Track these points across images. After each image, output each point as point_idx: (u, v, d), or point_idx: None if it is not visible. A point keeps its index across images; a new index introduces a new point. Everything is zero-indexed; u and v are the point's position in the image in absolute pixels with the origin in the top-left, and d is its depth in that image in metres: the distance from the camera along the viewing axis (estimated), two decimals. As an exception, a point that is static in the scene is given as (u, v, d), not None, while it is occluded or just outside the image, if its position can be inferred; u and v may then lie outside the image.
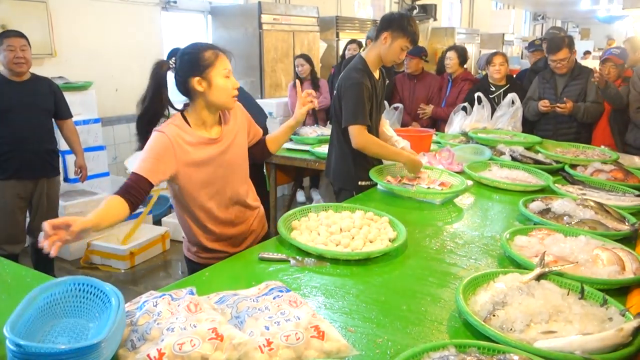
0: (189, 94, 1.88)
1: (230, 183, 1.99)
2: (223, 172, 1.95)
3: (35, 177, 3.39)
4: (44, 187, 3.44)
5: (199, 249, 2.06)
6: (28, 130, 3.28)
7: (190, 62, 1.82)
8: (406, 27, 2.54)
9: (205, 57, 1.81)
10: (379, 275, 1.70)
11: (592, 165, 2.95)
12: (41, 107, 3.34)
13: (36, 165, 3.37)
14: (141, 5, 5.39)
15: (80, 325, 1.25)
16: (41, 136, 3.37)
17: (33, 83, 3.31)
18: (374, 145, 2.63)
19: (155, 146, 1.82)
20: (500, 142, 3.47)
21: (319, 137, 4.08)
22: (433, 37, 9.50)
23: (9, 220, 3.34)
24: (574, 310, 1.36)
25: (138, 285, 3.78)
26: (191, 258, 2.10)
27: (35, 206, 3.46)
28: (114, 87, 5.20)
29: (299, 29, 6.23)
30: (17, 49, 3.12)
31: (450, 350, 1.16)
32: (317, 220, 2.06)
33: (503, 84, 4.34)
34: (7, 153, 3.25)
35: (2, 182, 3.29)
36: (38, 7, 4.42)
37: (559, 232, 1.91)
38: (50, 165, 3.47)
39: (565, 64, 3.81)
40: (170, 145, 1.82)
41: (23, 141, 3.27)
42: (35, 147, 3.32)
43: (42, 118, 3.37)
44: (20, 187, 3.34)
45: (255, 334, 1.18)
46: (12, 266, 1.80)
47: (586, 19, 21.05)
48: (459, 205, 2.47)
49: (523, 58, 12.17)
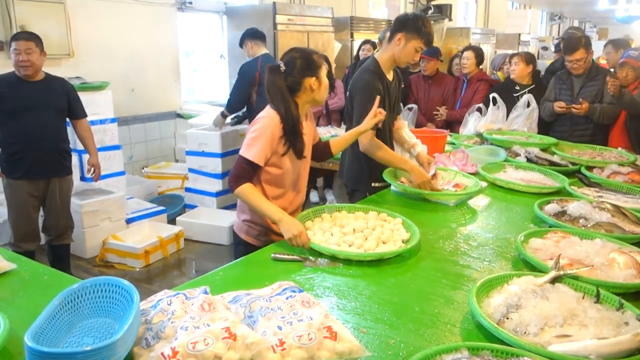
0: (294, 92, 2.09)
1: (302, 172, 2.23)
2: (301, 164, 2.19)
3: (47, 177, 3.40)
4: (55, 186, 3.45)
5: (261, 231, 2.18)
6: (40, 130, 3.29)
7: (307, 64, 2.07)
8: (420, 28, 2.52)
9: (315, 60, 2.08)
10: (392, 276, 1.70)
11: (609, 167, 2.91)
12: (53, 106, 3.35)
13: (48, 164, 3.38)
14: (157, 6, 5.44)
15: (107, 325, 1.28)
16: (53, 135, 3.38)
17: (46, 83, 3.32)
18: (379, 151, 2.61)
19: (265, 131, 2.04)
20: (515, 143, 3.45)
21: (332, 138, 4.07)
22: (448, 37, 9.44)
23: (24, 218, 3.38)
24: (589, 314, 1.35)
25: (152, 284, 3.82)
26: (249, 241, 2.21)
27: (49, 205, 3.48)
28: (130, 87, 5.26)
29: (313, 29, 6.24)
30: (22, 52, 3.13)
31: (463, 353, 1.16)
32: (330, 221, 2.07)
33: (528, 83, 4.30)
34: (19, 152, 3.27)
35: (15, 181, 3.32)
36: (56, 8, 4.48)
37: (575, 235, 1.89)
38: (62, 164, 3.48)
39: (581, 65, 3.76)
40: (277, 131, 2.05)
41: (35, 140, 3.28)
42: (47, 146, 3.34)
43: (55, 117, 3.38)
44: (32, 186, 3.36)
45: (268, 333, 1.19)
46: (29, 264, 1.82)
47: (604, 19, 20.76)
48: (473, 206, 2.45)
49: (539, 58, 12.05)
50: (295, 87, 2.08)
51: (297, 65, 2.06)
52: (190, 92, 6.29)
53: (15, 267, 1.72)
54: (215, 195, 4.92)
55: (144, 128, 5.50)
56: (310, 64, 2.07)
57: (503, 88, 4.36)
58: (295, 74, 2.06)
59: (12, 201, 3.37)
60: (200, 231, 4.54)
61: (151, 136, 5.61)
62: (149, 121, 5.53)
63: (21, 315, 1.42)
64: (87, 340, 1.21)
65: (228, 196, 5.01)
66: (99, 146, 4.46)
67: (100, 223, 4.12)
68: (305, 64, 2.07)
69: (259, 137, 2.03)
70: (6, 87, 3.19)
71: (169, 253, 4.24)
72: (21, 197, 3.34)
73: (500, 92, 4.21)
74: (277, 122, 2.05)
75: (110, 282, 1.31)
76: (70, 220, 3.64)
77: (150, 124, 5.55)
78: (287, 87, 2.07)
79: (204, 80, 6.51)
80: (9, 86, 3.19)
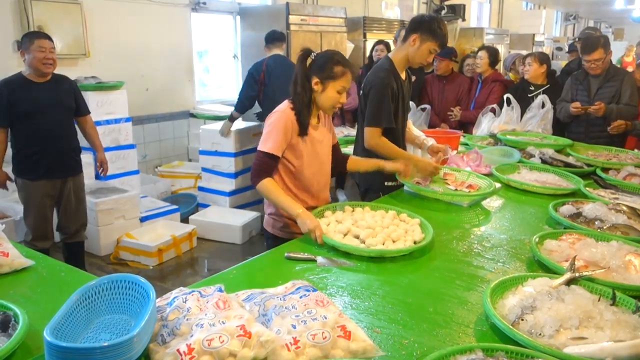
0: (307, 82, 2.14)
1: (320, 172, 2.27)
2: (318, 154, 2.23)
3: (65, 176, 3.45)
4: (71, 185, 3.49)
5: (286, 224, 2.23)
6: (55, 130, 3.33)
7: (323, 66, 2.11)
8: (435, 30, 2.52)
9: (332, 68, 2.10)
10: (406, 276, 1.70)
11: (625, 169, 2.88)
12: (65, 105, 3.39)
13: (65, 164, 3.43)
14: (171, 6, 5.49)
15: (123, 321, 1.29)
16: (68, 135, 3.43)
17: (55, 82, 3.34)
18: (383, 148, 2.62)
19: (279, 124, 2.11)
20: (529, 144, 3.42)
21: (345, 138, 4.08)
22: (461, 37, 9.39)
23: (40, 218, 3.40)
24: (605, 316, 1.33)
25: (166, 282, 3.85)
26: (275, 234, 2.28)
27: (65, 204, 3.50)
28: (145, 87, 5.31)
29: (326, 29, 6.24)
30: (47, 51, 3.19)
31: (478, 354, 1.16)
32: (349, 214, 2.13)
33: (542, 83, 4.26)
34: (37, 154, 3.29)
35: (33, 182, 3.33)
36: (73, 9, 4.54)
37: (590, 237, 1.87)
38: (76, 162, 3.53)
39: (599, 65, 3.71)
40: (290, 124, 2.12)
41: (52, 141, 3.31)
42: (63, 146, 3.39)
43: (67, 117, 3.43)
44: (49, 186, 3.39)
45: (282, 332, 1.19)
46: (46, 260, 1.85)
47: (620, 19, 20.52)
48: (487, 207, 2.44)
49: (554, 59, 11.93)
50: (307, 78, 2.14)
51: (317, 62, 2.13)
52: (203, 92, 6.33)
53: (33, 263, 1.75)
54: (228, 194, 4.94)
55: (158, 127, 5.55)
56: (325, 68, 2.10)
57: (517, 88, 4.32)
58: (311, 66, 2.14)
59: (30, 202, 3.38)
60: (213, 230, 4.57)
61: (165, 135, 5.65)
62: (163, 120, 5.58)
63: (39, 310, 1.44)
64: (105, 336, 1.23)
65: (241, 195, 5.03)
66: (114, 145, 4.53)
67: (114, 221, 4.16)
68: (322, 64, 2.12)
69: (273, 130, 2.12)
70: (19, 90, 3.20)
71: (182, 251, 4.27)
72: (39, 198, 3.37)
73: (515, 92, 4.18)
74: (290, 115, 2.13)
75: (127, 279, 1.33)
76: (85, 217, 3.68)
77: (164, 123, 5.59)
78: (304, 74, 2.14)
79: (218, 80, 6.55)
80: (21, 88, 3.21)
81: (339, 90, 2.12)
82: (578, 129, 3.87)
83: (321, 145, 2.27)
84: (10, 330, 1.26)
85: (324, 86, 2.12)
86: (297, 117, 2.14)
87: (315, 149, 2.23)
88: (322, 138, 2.26)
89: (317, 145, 2.24)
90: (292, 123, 2.13)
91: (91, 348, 1.05)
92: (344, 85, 2.12)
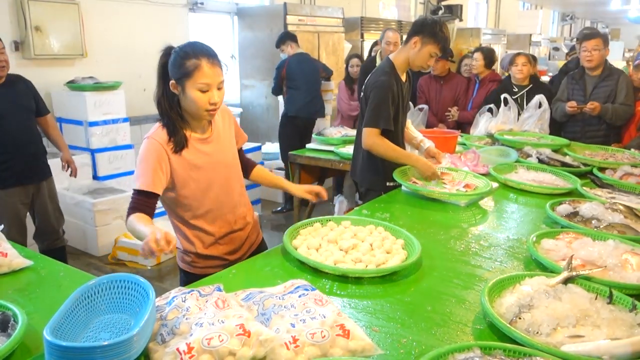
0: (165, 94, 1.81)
1: (226, 185, 1.93)
2: (219, 173, 1.89)
3: (39, 181, 3.29)
4: (45, 189, 3.33)
5: (195, 258, 1.96)
6: (22, 134, 3.14)
7: (173, 63, 1.74)
8: (437, 33, 2.51)
9: (185, 64, 1.70)
10: (403, 276, 1.70)
11: (622, 168, 2.89)
12: (26, 107, 3.19)
13: (36, 168, 3.27)
14: (169, 6, 5.49)
15: (123, 321, 1.30)
16: (34, 138, 3.25)
17: (11, 84, 3.11)
18: (381, 148, 2.61)
19: (150, 155, 1.74)
20: (527, 144, 3.43)
21: (343, 138, 4.09)
22: (458, 37, 9.42)
23: (17, 229, 3.18)
24: (602, 314, 1.34)
25: (164, 282, 3.85)
26: (185, 269, 2.00)
27: (40, 210, 3.34)
28: (142, 87, 5.30)
29: (324, 29, 6.26)
30: None
31: (476, 352, 1.16)
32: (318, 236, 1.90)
33: (526, 84, 4.29)
34: (7, 161, 3.10)
35: (5, 190, 3.13)
36: (70, 9, 4.53)
37: (587, 236, 1.88)
38: (46, 165, 3.36)
39: (595, 56, 3.71)
40: (164, 151, 1.75)
41: (20, 145, 3.13)
42: (32, 149, 3.21)
43: (30, 119, 3.22)
44: (23, 193, 3.22)
45: (281, 331, 1.20)
46: (45, 260, 1.86)
47: (616, 19, 20.59)
48: (484, 207, 2.45)
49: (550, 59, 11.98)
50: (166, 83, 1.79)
51: (171, 61, 1.76)
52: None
53: (31, 263, 1.76)
54: (225, 194, 4.94)
55: (156, 128, 5.54)
56: (176, 65, 1.73)
57: (502, 89, 4.31)
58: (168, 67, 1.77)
59: (4, 213, 3.14)
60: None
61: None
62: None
63: (38, 310, 1.45)
64: (104, 336, 1.23)
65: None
66: (111, 145, 4.53)
67: (112, 221, 4.16)
68: (174, 61, 1.74)
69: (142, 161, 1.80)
70: None
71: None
72: (14, 207, 3.18)
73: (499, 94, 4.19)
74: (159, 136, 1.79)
75: (126, 279, 1.33)
76: (62, 220, 3.52)
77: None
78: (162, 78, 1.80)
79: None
80: None
81: (200, 88, 1.70)
82: (574, 128, 3.89)
83: (221, 155, 1.90)
84: (10, 330, 1.26)
85: (181, 87, 1.73)
86: (168, 133, 1.77)
87: (211, 163, 1.86)
88: (217, 148, 1.89)
89: (214, 157, 1.87)
90: (165, 148, 1.75)
91: (91, 347, 1.05)
92: (205, 82, 1.70)
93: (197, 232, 1.93)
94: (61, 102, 4.55)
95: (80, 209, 4.12)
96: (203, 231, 1.93)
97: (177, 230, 1.97)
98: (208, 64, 1.71)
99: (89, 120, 4.42)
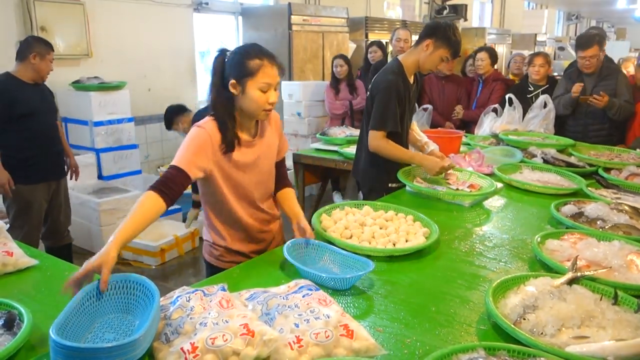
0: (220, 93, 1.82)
1: (258, 190, 1.95)
2: (254, 177, 1.92)
3: (59, 178, 3.49)
4: (62, 187, 3.51)
5: (223, 252, 1.99)
6: (49, 132, 3.35)
7: (234, 63, 1.77)
8: (450, 37, 2.50)
9: (249, 64, 1.74)
10: (407, 276, 1.70)
11: (627, 168, 2.88)
12: (52, 109, 3.42)
13: (58, 166, 3.47)
14: (174, 6, 5.50)
15: (127, 321, 1.30)
16: (58, 137, 3.47)
17: (42, 86, 3.34)
18: (387, 150, 2.62)
19: (194, 141, 1.77)
20: (531, 144, 3.42)
21: (347, 138, 4.09)
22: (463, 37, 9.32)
23: (36, 225, 3.36)
24: (607, 315, 1.34)
25: (168, 282, 3.86)
26: (212, 262, 2.02)
27: (54, 206, 3.48)
28: (147, 87, 5.32)
29: (328, 29, 6.26)
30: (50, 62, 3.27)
31: (480, 353, 1.16)
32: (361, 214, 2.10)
33: (543, 84, 4.29)
34: (34, 157, 3.27)
35: (30, 186, 3.27)
36: (75, 9, 4.55)
37: (592, 237, 1.87)
38: (64, 164, 3.57)
39: (594, 63, 3.68)
40: (210, 142, 1.77)
41: (47, 143, 3.33)
42: (55, 148, 3.42)
43: (55, 118, 3.45)
44: (46, 189, 3.38)
45: (285, 331, 1.20)
46: (50, 259, 1.86)
47: (622, 19, 20.50)
48: (488, 207, 2.45)
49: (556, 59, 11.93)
50: (224, 82, 1.80)
51: (230, 61, 1.79)
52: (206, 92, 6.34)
53: (37, 262, 1.76)
54: (230, 194, 4.94)
55: (160, 127, 5.53)
56: (238, 65, 1.76)
57: (518, 88, 4.33)
58: (226, 67, 1.80)
59: (27, 208, 3.27)
60: (215, 230, 4.57)
61: (167, 136, 5.65)
62: (166, 120, 5.58)
63: (44, 310, 1.45)
64: (109, 336, 1.24)
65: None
66: (116, 145, 4.55)
67: (117, 221, 4.17)
68: (235, 61, 1.77)
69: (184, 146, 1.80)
70: (16, 91, 3.14)
71: (184, 251, 4.28)
72: (37, 202, 3.33)
73: (515, 93, 4.18)
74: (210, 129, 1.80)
75: (131, 279, 1.34)
76: (70, 220, 3.69)
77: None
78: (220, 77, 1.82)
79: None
80: (17, 90, 3.15)
81: (261, 87, 1.74)
82: (576, 127, 3.87)
83: (261, 160, 1.92)
84: (15, 328, 1.27)
85: (242, 87, 1.75)
86: (221, 131, 1.78)
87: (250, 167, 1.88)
88: (258, 154, 1.90)
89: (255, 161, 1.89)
90: (212, 140, 1.77)
91: (97, 349, 1.06)
92: (266, 82, 1.74)
93: (229, 228, 1.96)
94: (66, 102, 4.56)
95: (86, 209, 4.14)
96: (236, 227, 1.96)
97: (210, 222, 1.99)
98: (269, 64, 1.76)
99: (94, 120, 4.44)
